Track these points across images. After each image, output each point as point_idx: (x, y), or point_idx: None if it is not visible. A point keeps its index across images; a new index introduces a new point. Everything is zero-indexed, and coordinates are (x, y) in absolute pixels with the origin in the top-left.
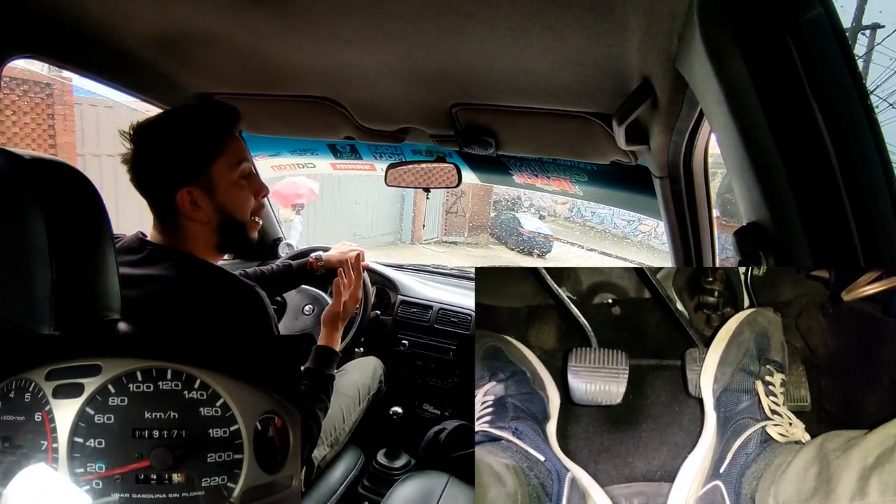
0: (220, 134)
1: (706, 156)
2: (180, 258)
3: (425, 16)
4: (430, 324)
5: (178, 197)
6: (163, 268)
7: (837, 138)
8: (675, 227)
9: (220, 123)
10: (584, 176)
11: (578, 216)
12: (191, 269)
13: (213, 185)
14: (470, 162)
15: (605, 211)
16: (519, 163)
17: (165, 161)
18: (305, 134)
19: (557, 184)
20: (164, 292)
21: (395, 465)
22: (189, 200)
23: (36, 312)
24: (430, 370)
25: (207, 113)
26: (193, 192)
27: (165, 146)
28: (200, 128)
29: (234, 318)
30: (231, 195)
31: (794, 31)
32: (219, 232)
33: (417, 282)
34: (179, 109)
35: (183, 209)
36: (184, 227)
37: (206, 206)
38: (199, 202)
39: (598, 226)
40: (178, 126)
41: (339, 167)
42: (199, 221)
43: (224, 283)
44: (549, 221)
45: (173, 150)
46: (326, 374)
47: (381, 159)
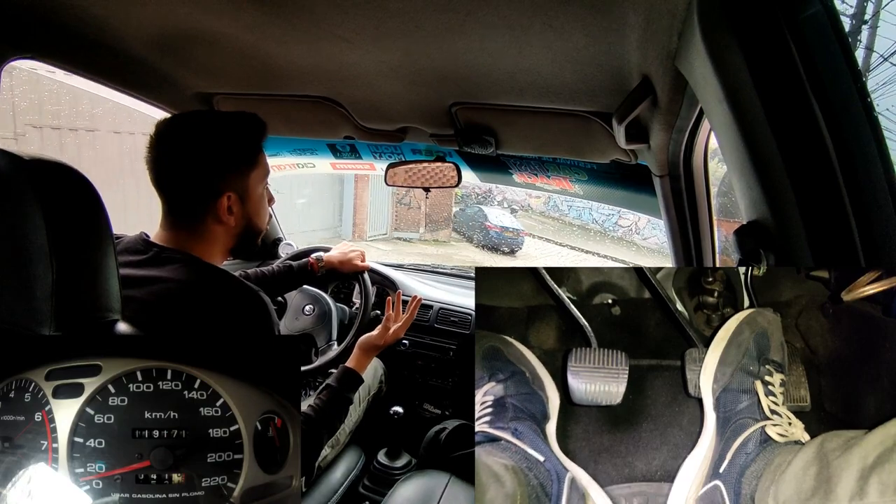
0: (257, 145)
1: (706, 154)
2: (187, 261)
3: (425, 14)
4: (431, 323)
5: (220, 202)
6: (169, 270)
7: (837, 136)
8: (675, 226)
9: (258, 134)
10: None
11: (554, 210)
12: (197, 272)
13: (246, 193)
14: (469, 161)
15: (582, 204)
16: (519, 162)
17: (211, 165)
18: (305, 133)
19: (557, 183)
20: (169, 294)
21: (395, 464)
22: (227, 206)
23: (36, 313)
24: (430, 370)
25: (248, 123)
26: (232, 196)
27: (211, 150)
28: (242, 138)
29: (237, 322)
30: (258, 205)
31: (793, 29)
32: (239, 237)
33: (418, 281)
34: (215, 114)
35: (219, 213)
36: (207, 230)
37: (237, 213)
38: (233, 208)
39: (576, 221)
40: (221, 132)
41: (338, 167)
42: (226, 225)
43: (229, 287)
44: (523, 216)
45: (220, 156)
46: (346, 398)
47: (381, 159)
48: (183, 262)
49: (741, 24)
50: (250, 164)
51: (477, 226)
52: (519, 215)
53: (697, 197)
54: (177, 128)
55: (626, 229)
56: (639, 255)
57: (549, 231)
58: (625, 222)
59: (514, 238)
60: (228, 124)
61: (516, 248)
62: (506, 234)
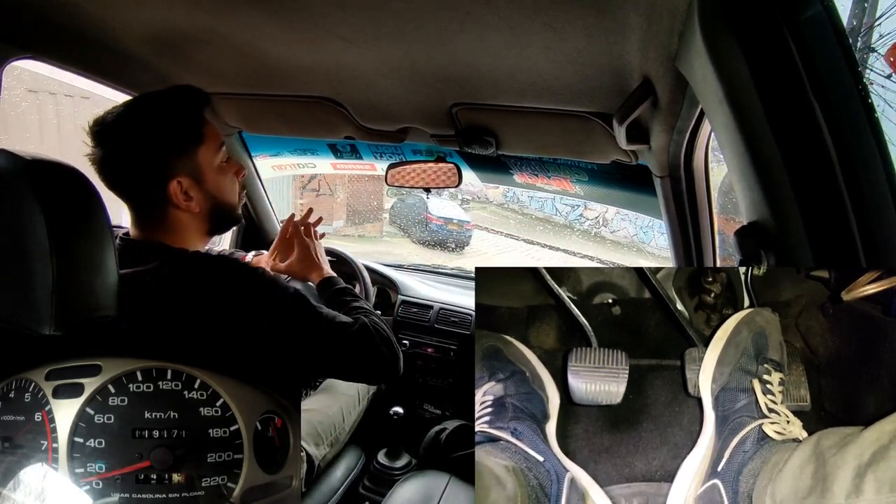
0: (198, 120)
1: (707, 155)
2: (167, 252)
3: (425, 15)
4: (431, 323)
5: (170, 189)
6: (146, 264)
7: (838, 136)
8: (676, 227)
9: (195, 109)
10: (584, 175)
11: (515, 202)
12: (178, 261)
13: (200, 173)
14: (470, 161)
15: (544, 194)
16: (519, 162)
17: (151, 153)
18: (306, 134)
19: (558, 183)
20: (152, 289)
21: (395, 464)
22: (181, 191)
23: (36, 312)
24: (430, 370)
25: (181, 99)
26: (183, 181)
27: (148, 138)
28: (180, 116)
29: (225, 293)
30: (218, 181)
31: (794, 30)
32: (209, 218)
33: (418, 281)
34: (147, 98)
35: (175, 200)
36: (173, 219)
37: (196, 195)
38: (189, 192)
39: (538, 213)
40: (156, 116)
41: (339, 167)
42: (190, 211)
43: (208, 264)
44: (480, 209)
45: (157, 141)
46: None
47: (382, 159)
48: (162, 253)
49: (742, 25)
50: (195, 140)
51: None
52: (473, 207)
53: (698, 198)
54: (110, 125)
55: (593, 222)
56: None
57: (507, 225)
58: (591, 214)
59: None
60: (158, 105)
61: (463, 245)
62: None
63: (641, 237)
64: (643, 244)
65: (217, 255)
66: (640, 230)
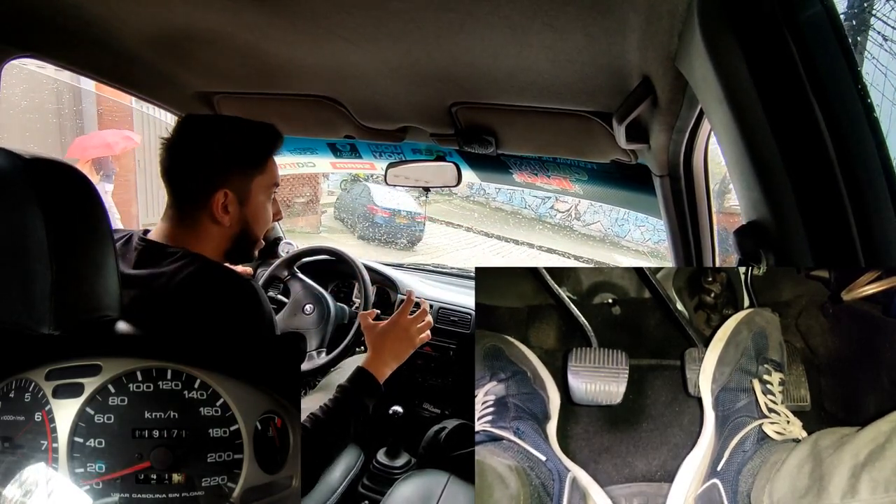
0: (268, 152)
1: (706, 154)
2: (182, 256)
3: (425, 14)
4: None
5: (215, 196)
6: (163, 266)
7: (837, 136)
8: (676, 226)
9: (270, 142)
10: (584, 175)
11: (481, 194)
12: (192, 267)
13: (247, 196)
14: (470, 161)
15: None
16: (519, 161)
17: (214, 158)
18: (305, 133)
19: (557, 182)
20: (167, 290)
21: (395, 464)
22: (222, 202)
23: (35, 312)
24: (430, 369)
25: (262, 129)
26: (229, 195)
27: (219, 144)
28: (253, 139)
29: (230, 313)
30: (258, 211)
31: (793, 29)
32: (233, 240)
33: (417, 280)
34: (236, 118)
35: (213, 208)
36: (202, 227)
37: (233, 213)
38: (229, 207)
39: (506, 205)
40: (233, 130)
41: (339, 166)
42: (221, 225)
43: (221, 279)
44: (444, 202)
45: (225, 151)
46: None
47: (381, 158)
48: (178, 257)
49: (741, 25)
50: (255, 167)
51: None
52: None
53: (697, 197)
54: (193, 123)
55: (565, 214)
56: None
57: (471, 219)
58: (563, 206)
59: (409, 225)
60: (241, 127)
61: (415, 240)
62: (397, 221)
63: (616, 231)
64: (618, 238)
65: (234, 272)
66: (615, 223)
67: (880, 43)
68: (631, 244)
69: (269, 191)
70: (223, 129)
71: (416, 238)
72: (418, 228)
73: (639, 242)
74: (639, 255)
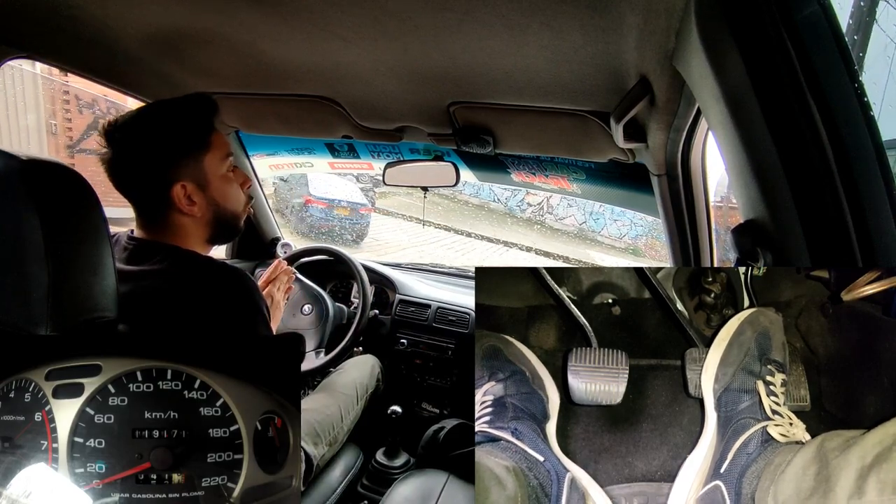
0: (207, 127)
1: (704, 153)
2: (168, 252)
3: (423, 14)
4: (429, 322)
5: (174, 192)
6: (152, 263)
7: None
8: (673, 225)
9: (204, 117)
10: (582, 174)
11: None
12: (179, 261)
13: (205, 180)
14: (468, 160)
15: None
16: (517, 161)
17: (157, 157)
18: (303, 133)
19: (555, 182)
20: (156, 287)
21: (394, 463)
22: (184, 195)
23: (32, 313)
24: (428, 369)
25: (191, 107)
26: (188, 186)
27: (155, 142)
28: (188, 122)
29: (226, 303)
30: (223, 189)
31: (790, 29)
32: (211, 225)
33: (416, 280)
34: (160, 104)
35: (178, 204)
36: (175, 223)
37: (199, 201)
38: (193, 197)
39: (473, 199)
40: (165, 121)
41: (336, 166)
42: (192, 216)
43: (213, 270)
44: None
45: (164, 146)
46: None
47: (379, 158)
48: (164, 253)
49: (738, 24)
50: (201, 147)
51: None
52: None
53: (695, 196)
54: (121, 127)
55: (536, 208)
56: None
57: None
58: (534, 200)
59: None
60: (168, 111)
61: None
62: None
63: (591, 225)
64: (594, 232)
65: (222, 262)
66: (590, 217)
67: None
68: (607, 239)
69: (224, 163)
70: (153, 125)
71: (360, 233)
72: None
73: (615, 238)
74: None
